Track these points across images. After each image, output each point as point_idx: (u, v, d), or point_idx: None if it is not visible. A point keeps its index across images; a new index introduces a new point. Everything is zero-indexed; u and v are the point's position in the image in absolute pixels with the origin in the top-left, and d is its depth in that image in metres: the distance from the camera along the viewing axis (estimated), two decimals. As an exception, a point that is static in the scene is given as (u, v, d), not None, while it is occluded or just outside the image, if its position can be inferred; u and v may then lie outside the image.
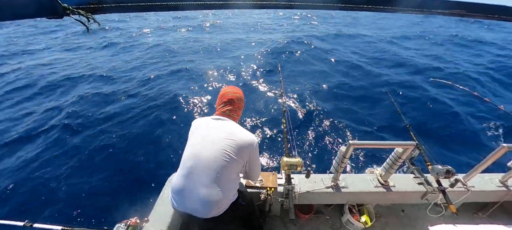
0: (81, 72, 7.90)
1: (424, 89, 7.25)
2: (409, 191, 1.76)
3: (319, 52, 11.59)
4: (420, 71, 9.03)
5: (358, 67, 9.72)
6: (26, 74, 7.80)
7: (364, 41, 13.21)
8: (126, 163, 3.80)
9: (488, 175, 1.94)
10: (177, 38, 13.37)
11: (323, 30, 16.11)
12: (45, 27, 15.85)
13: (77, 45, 11.86)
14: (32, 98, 6.22)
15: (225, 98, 1.32)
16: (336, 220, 1.96)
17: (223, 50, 11.38)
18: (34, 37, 13.66)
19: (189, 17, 22.29)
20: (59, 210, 3.00)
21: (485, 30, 16.69)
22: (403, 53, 11.27)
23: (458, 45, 12.44)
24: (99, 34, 13.93)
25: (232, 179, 1.21)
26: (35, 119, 5.11)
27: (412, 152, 1.61)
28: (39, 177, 3.50)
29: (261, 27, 17.26)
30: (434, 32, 15.47)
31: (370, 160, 3.85)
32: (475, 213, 2.05)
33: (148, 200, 2.99)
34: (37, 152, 4.01)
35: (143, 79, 7.22)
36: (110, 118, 5.08)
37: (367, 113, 5.70)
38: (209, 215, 1.14)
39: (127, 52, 10.70)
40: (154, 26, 16.87)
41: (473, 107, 6.13)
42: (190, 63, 8.96)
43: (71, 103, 5.65)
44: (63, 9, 0.55)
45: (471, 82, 7.88)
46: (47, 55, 10.15)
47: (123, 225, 1.07)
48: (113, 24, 16.92)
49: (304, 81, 7.83)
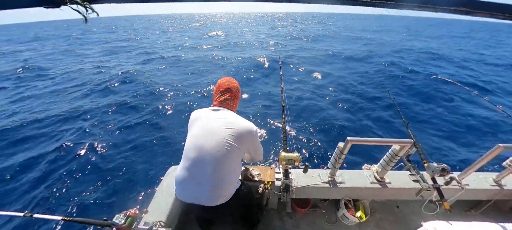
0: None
1: (424, 86, 7.25)
2: (405, 187, 1.78)
3: (316, 47, 11.48)
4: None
5: (357, 62, 9.65)
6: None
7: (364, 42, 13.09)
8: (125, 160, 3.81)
9: (483, 174, 1.97)
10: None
11: (320, 28, 15.93)
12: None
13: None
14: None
15: (222, 87, 1.35)
16: (332, 215, 2.00)
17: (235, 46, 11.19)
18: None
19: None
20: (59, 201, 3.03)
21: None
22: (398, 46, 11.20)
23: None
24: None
25: (235, 166, 1.25)
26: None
27: (409, 149, 1.62)
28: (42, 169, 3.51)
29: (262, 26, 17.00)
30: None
31: (367, 157, 3.89)
32: (468, 210, 2.09)
33: (148, 192, 3.03)
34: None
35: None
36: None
37: (367, 110, 5.71)
38: (217, 203, 1.18)
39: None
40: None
41: (471, 106, 6.15)
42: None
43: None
44: (60, -3, 0.53)
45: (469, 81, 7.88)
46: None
47: (122, 215, 1.08)
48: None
49: (303, 78, 7.79)
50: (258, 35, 21.08)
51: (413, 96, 6.58)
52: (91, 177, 3.38)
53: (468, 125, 5.24)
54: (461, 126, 5.19)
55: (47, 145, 4.06)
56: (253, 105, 5.68)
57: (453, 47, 15.38)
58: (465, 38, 23.19)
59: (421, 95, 6.64)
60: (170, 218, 1.50)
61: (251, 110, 5.41)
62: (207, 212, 1.24)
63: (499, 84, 7.90)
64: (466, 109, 5.91)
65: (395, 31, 29.80)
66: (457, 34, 25.47)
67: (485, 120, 5.41)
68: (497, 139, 4.79)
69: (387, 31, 28.24)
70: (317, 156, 4.00)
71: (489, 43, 18.13)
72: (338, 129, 4.76)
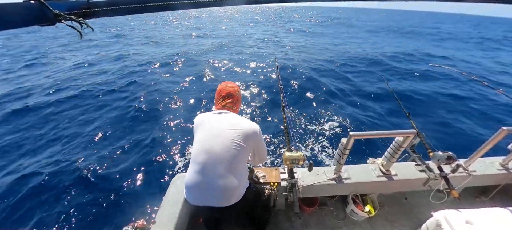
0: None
1: (423, 75, 7.23)
2: (411, 178, 1.77)
3: (316, 43, 11.51)
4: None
5: (357, 58, 9.67)
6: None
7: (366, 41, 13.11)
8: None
9: (489, 159, 1.95)
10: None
11: (320, 22, 16.00)
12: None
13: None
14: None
15: (223, 92, 1.37)
16: (340, 211, 1.98)
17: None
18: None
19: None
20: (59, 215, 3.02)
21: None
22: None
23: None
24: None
25: (244, 166, 1.29)
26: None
27: (412, 140, 1.61)
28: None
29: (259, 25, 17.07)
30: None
31: (371, 151, 3.87)
32: (478, 197, 2.07)
33: (155, 202, 3.02)
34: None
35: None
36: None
37: (367, 104, 5.70)
38: (229, 203, 1.20)
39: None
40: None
41: (471, 91, 6.13)
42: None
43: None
44: (55, 15, 0.54)
45: (470, 67, 7.85)
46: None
47: (130, 227, 1.08)
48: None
49: (303, 76, 7.80)
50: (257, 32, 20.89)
51: (411, 87, 6.57)
52: (94, 188, 3.38)
53: (468, 109, 5.22)
54: (461, 111, 5.17)
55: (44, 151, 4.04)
56: (254, 106, 5.69)
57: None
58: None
59: (420, 83, 6.64)
60: (178, 227, 1.49)
61: (252, 111, 5.42)
62: (218, 213, 1.25)
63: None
64: (466, 94, 5.89)
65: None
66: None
67: (484, 104, 5.38)
68: (500, 123, 4.77)
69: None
70: (321, 152, 3.98)
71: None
72: (341, 124, 4.75)
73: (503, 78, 8.29)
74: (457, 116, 5.03)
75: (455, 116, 5.05)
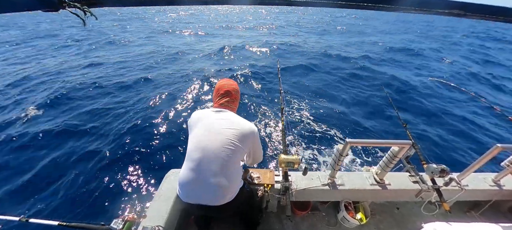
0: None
1: (421, 88, 7.30)
2: (404, 189, 1.78)
3: (316, 47, 11.54)
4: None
5: (358, 65, 9.73)
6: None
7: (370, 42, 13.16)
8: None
9: (482, 174, 1.97)
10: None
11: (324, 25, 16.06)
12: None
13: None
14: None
15: (222, 90, 1.35)
16: (332, 217, 1.99)
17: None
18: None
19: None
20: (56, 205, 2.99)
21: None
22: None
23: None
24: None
25: (238, 166, 1.29)
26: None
27: (408, 150, 1.63)
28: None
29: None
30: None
31: (367, 159, 3.89)
32: (468, 211, 2.09)
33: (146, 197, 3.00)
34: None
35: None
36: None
37: (365, 112, 5.73)
38: (223, 202, 1.19)
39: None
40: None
41: (469, 107, 6.20)
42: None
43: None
44: (59, 1, 0.54)
45: (468, 83, 7.95)
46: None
47: (120, 220, 1.07)
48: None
49: (303, 80, 7.82)
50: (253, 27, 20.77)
51: (409, 100, 6.62)
52: (89, 180, 3.34)
53: (464, 125, 5.27)
54: (457, 126, 5.23)
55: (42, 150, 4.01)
56: (253, 106, 5.69)
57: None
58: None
59: (417, 97, 6.69)
60: (169, 223, 1.48)
61: (251, 112, 5.41)
62: (210, 212, 1.24)
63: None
64: (463, 110, 5.96)
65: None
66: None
67: (481, 121, 5.45)
68: (495, 139, 4.83)
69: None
70: (316, 158, 3.99)
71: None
72: (337, 130, 4.76)
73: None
74: (452, 130, 5.08)
75: (450, 129, 5.11)
